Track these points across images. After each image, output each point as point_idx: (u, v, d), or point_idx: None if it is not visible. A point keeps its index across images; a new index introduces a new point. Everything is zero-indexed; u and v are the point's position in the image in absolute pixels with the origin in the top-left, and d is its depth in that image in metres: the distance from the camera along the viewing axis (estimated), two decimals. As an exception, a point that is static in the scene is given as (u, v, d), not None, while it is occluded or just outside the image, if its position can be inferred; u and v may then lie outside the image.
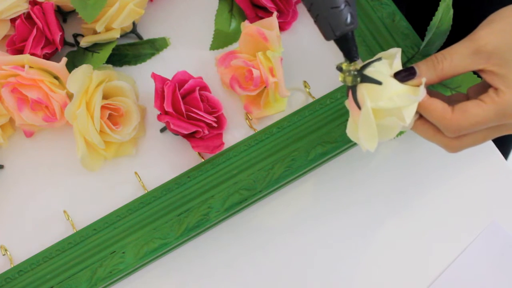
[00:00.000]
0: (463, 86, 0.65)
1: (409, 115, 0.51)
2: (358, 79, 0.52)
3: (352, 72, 0.52)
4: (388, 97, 0.51)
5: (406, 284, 0.64)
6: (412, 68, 0.53)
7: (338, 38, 0.52)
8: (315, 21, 0.52)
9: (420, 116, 0.54)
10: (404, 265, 0.64)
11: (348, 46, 0.52)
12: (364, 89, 0.52)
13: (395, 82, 0.52)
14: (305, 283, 0.64)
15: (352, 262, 0.65)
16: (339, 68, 0.53)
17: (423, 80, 0.52)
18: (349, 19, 0.51)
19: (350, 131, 0.55)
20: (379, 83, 0.51)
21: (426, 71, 0.52)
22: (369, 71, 0.52)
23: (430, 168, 0.67)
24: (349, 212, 0.66)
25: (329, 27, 0.51)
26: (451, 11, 0.61)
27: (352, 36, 0.52)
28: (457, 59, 0.52)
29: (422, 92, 0.51)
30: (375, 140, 0.52)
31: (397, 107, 0.51)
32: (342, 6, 0.50)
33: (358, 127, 0.53)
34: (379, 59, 0.53)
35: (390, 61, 0.53)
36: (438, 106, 0.52)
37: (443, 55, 0.52)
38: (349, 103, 0.54)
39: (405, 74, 0.52)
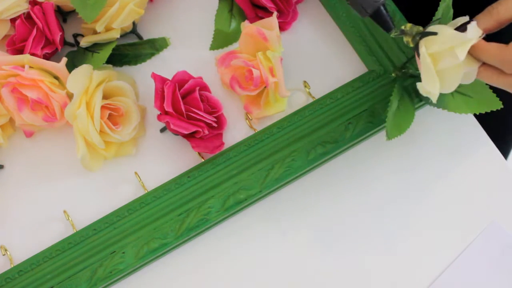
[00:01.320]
0: (463, 85, 0.65)
1: (462, 53, 0.53)
2: (418, 37, 0.57)
3: (413, 33, 0.57)
4: (442, 41, 0.55)
5: (406, 284, 0.64)
6: (469, 21, 0.55)
7: (371, 14, 0.58)
8: (348, 2, 0.58)
9: (483, 63, 0.55)
10: (404, 265, 0.64)
11: (382, 19, 0.58)
12: (423, 43, 0.56)
13: (450, 30, 0.55)
14: (305, 283, 0.64)
15: (352, 261, 0.65)
16: (402, 31, 0.58)
17: (473, 22, 0.54)
18: None
19: (420, 88, 0.59)
20: (435, 33, 0.56)
21: (483, 18, 0.55)
22: (428, 27, 0.57)
23: (430, 169, 0.67)
24: (349, 212, 0.66)
25: (360, 7, 0.57)
26: (451, 11, 0.61)
27: (384, 10, 0.58)
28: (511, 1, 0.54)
29: (472, 31, 0.54)
30: (437, 85, 0.56)
31: (449, 47, 0.54)
32: None
33: (421, 78, 0.57)
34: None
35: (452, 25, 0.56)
36: (492, 45, 0.53)
37: (498, 1, 0.54)
38: (418, 64, 0.58)
39: (463, 23, 0.55)
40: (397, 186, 0.67)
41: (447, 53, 0.55)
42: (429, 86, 0.57)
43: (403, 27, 0.58)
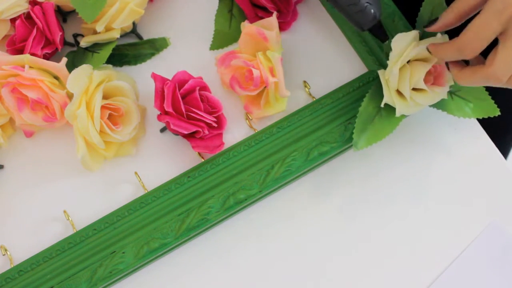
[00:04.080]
0: (463, 89, 0.65)
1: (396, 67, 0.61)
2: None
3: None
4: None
5: (406, 284, 0.64)
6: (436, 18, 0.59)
7: (367, 30, 0.61)
8: (345, 17, 0.60)
9: (456, 65, 0.58)
10: (404, 265, 0.64)
11: (378, 33, 0.62)
12: None
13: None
14: (305, 282, 0.64)
15: (352, 261, 0.65)
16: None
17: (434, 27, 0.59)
18: (372, 16, 0.59)
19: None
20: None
21: (445, 13, 0.57)
22: None
23: (430, 168, 0.67)
24: (349, 212, 0.66)
25: (357, 24, 0.60)
26: (444, 5, 0.61)
27: (379, 24, 0.61)
28: None
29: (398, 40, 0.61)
30: (385, 96, 0.63)
31: (394, 61, 0.62)
32: (365, 6, 0.58)
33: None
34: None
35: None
36: (445, 43, 0.57)
37: None
38: None
39: (431, 20, 0.60)
40: (397, 185, 0.67)
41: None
42: (385, 99, 0.63)
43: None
